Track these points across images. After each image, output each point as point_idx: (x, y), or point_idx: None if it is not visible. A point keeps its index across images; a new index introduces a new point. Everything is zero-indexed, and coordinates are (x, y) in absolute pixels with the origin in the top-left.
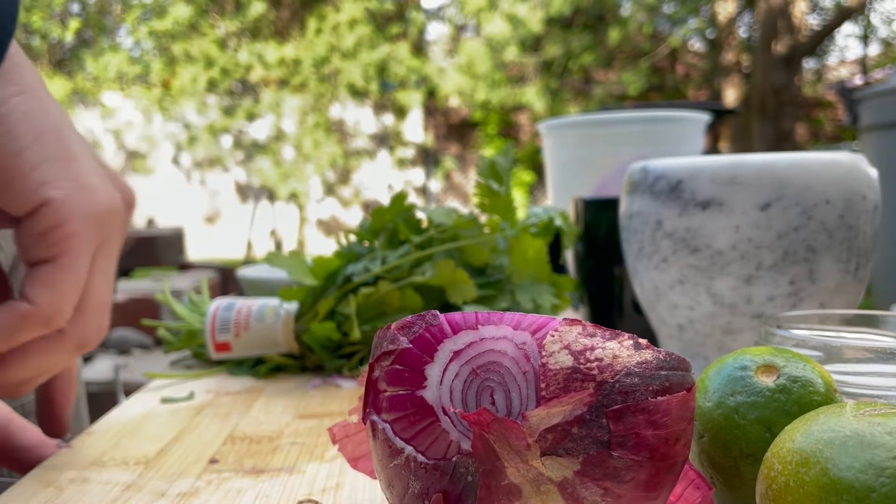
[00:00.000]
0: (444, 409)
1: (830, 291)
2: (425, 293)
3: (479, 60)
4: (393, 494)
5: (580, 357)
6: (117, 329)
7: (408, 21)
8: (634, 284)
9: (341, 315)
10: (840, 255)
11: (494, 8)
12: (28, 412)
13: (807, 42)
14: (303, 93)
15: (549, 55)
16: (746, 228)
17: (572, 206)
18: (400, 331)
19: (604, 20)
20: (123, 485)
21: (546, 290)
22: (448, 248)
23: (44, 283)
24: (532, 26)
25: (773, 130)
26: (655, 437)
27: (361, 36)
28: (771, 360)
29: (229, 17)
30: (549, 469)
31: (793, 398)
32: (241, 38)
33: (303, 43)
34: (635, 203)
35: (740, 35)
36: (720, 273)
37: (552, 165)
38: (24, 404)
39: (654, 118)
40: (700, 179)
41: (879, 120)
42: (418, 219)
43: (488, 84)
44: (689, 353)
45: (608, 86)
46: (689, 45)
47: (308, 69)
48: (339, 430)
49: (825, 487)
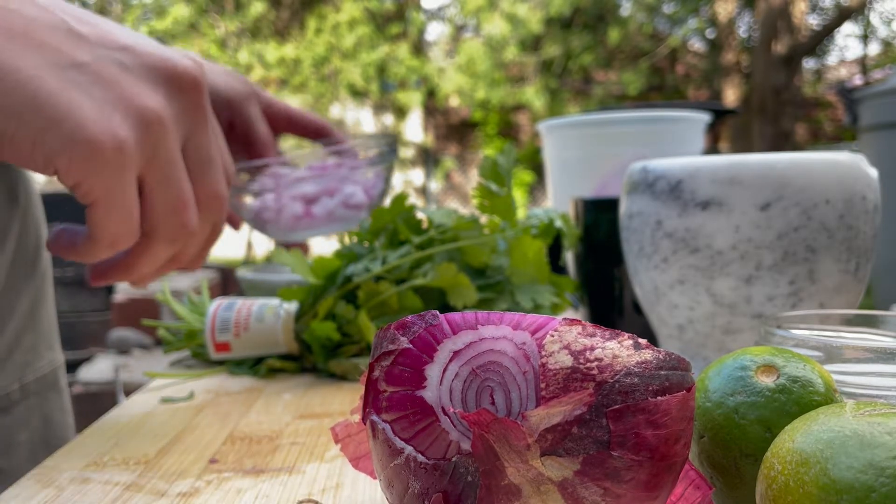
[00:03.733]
0: (444, 409)
1: (830, 291)
2: (425, 295)
3: (478, 60)
4: (393, 494)
5: (580, 357)
6: (117, 329)
7: (407, 21)
8: (634, 285)
9: (343, 318)
10: (840, 255)
11: (494, 8)
12: (30, 391)
13: (807, 42)
14: (303, 93)
15: (548, 55)
16: (746, 228)
17: (572, 206)
18: (400, 331)
19: (604, 20)
20: (123, 485)
21: (546, 290)
22: (448, 249)
23: (91, 223)
24: (532, 26)
25: (773, 130)
26: (655, 437)
27: (361, 36)
28: (771, 360)
29: (229, 16)
30: (549, 469)
31: (793, 398)
32: (240, 38)
33: (303, 43)
34: (635, 203)
35: (740, 35)
36: (720, 273)
37: (552, 165)
38: (27, 382)
39: (655, 118)
40: (700, 179)
41: (879, 120)
42: (419, 219)
43: (488, 84)
44: (690, 354)
45: (608, 86)
46: (689, 45)
47: (308, 69)
48: (341, 430)
49: (825, 487)
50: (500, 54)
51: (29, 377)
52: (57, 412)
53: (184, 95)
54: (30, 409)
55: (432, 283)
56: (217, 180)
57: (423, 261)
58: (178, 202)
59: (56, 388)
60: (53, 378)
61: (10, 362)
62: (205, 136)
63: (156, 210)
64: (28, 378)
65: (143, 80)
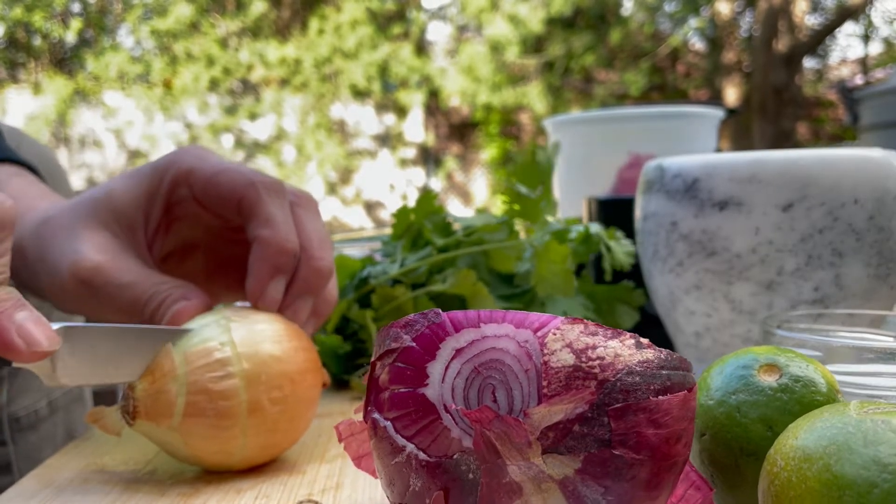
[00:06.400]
0: (446, 406)
1: (859, 298)
2: (443, 304)
3: (480, 63)
4: (394, 492)
5: (582, 355)
6: None
7: (409, 21)
8: (649, 289)
9: (356, 323)
10: (870, 259)
11: (496, 8)
12: (57, 406)
13: (807, 41)
14: (304, 92)
15: (550, 55)
16: (767, 230)
17: (585, 205)
18: (402, 328)
19: (605, 20)
20: (123, 485)
21: (578, 302)
22: (472, 252)
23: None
24: (533, 26)
25: (774, 130)
26: (656, 437)
27: (363, 36)
28: (773, 359)
29: (230, 16)
30: (551, 467)
31: (795, 397)
32: (242, 38)
33: (304, 42)
34: (650, 203)
35: (741, 34)
36: (739, 278)
37: (559, 163)
38: (55, 398)
39: (667, 114)
40: (717, 178)
41: (880, 119)
42: (448, 221)
43: (490, 87)
44: (707, 362)
45: (609, 85)
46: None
47: (309, 69)
48: (345, 428)
49: (827, 484)
50: (501, 55)
51: (56, 392)
52: (80, 424)
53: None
54: (56, 425)
55: (450, 290)
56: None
57: (445, 265)
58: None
59: (81, 399)
60: (79, 391)
61: (39, 380)
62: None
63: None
64: (56, 394)
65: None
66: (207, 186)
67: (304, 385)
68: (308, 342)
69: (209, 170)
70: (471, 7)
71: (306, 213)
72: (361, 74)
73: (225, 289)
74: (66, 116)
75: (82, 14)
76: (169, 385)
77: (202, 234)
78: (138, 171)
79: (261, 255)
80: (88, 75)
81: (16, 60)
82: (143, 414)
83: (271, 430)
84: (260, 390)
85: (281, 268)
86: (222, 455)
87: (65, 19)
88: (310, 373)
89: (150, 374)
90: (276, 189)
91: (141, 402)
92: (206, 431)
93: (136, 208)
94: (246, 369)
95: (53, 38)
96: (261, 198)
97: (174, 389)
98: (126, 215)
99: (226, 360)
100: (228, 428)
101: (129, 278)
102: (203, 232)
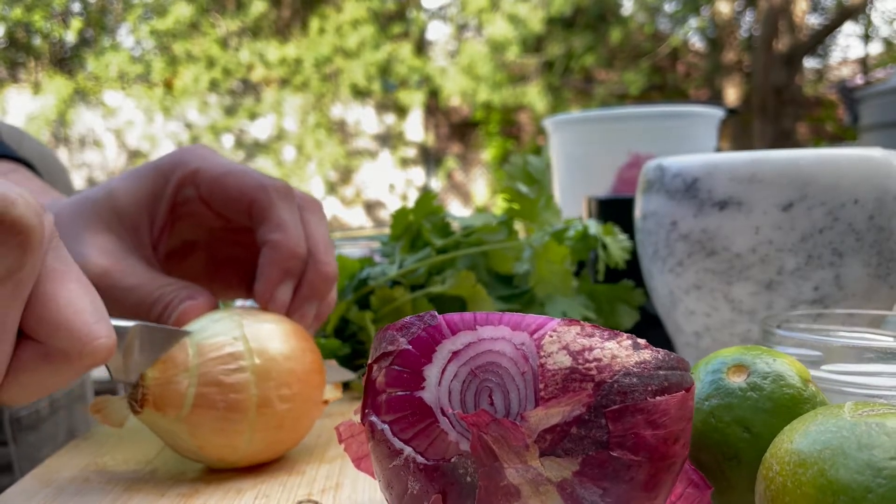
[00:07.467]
0: (443, 409)
1: (859, 298)
2: (442, 305)
3: (480, 62)
4: (392, 495)
5: (579, 357)
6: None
7: (409, 21)
8: (649, 289)
9: (355, 324)
10: (870, 259)
11: (496, 8)
12: (58, 406)
13: (808, 41)
14: (304, 92)
15: (550, 55)
16: (767, 230)
17: (585, 205)
18: (398, 331)
19: (605, 20)
20: (124, 484)
21: (578, 303)
22: (471, 253)
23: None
24: (533, 26)
25: (774, 130)
26: (654, 437)
27: (364, 36)
28: (740, 359)
29: (230, 16)
30: (548, 469)
31: (765, 394)
32: (242, 38)
33: (304, 42)
34: (650, 203)
35: (741, 34)
36: (739, 278)
37: (558, 163)
38: (56, 398)
39: (666, 114)
40: (717, 177)
41: (880, 119)
42: (446, 221)
43: (490, 86)
44: None
45: (609, 85)
46: (690, 45)
47: (310, 69)
48: (345, 429)
49: (822, 488)
50: (501, 55)
51: (57, 392)
52: (81, 424)
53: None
54: (57, 425)
55: (450, 292)
56: None
57: (444, 266)
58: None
59: (83, 399)
60: (81, 391)
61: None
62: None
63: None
64: (57, 394)
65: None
66: (214, 187)
67: (311, 385)
68: (313, 344)
69: (216, 170)
70: (471, 7)
71: (313, 218)
72: (362, 74)
73: (223, 287)
74: (66, 116)
75: (82, 14)
76: (180, 375)
77: (203, 233)
78: (140, 171)
79: (271, 258)
80: (88, 75)
81: (16, 60)
82: (152, 403)
83: (277, 427)
84: (270, 386)
85: (290, 272)
86: (227, 449)
87: (65, 19)
88: (315, 374)
89: (162, 364)
90: (286, 193)
91: (150, 391)
92: (214, 424)
93: (140, 208)
94: (257, 364)
95: (53, 38)
96: (272, 202)
97: (185, 380)
98: (130, 216)
99: (238, 354)
100: (237, 422)
101: (134, 281)
102: (204, 231)
